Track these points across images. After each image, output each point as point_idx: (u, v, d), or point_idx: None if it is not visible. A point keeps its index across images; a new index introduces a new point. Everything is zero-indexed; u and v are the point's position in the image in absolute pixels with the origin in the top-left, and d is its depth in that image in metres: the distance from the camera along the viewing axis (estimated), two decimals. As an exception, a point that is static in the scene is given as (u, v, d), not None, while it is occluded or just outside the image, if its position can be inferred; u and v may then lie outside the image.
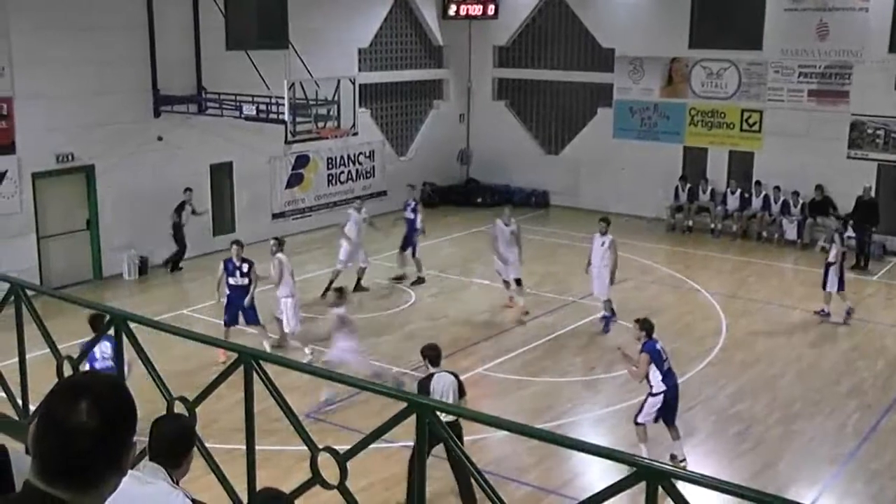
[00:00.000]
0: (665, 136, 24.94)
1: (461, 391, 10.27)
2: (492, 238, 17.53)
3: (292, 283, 15.08)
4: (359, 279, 18.44)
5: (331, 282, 17.61)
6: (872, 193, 21.08)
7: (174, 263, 20.08)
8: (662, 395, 11.22)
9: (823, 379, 14.42)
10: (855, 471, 11.60)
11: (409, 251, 19.19)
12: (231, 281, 14.67)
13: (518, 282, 17.17)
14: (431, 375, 10.19)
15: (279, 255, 15.01)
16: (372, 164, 25.68)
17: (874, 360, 15.26)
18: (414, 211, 19.29)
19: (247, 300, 14.53)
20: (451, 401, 9.77)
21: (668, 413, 11.36)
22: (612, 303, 16.32)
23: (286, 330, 15.15)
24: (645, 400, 11.38)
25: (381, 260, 19.44)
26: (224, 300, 14.86)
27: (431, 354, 10.49)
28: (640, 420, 11.37)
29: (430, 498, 4.43)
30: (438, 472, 9.00)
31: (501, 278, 17.49)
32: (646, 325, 11.33)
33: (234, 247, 14.76)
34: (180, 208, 19.90)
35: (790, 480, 11.36)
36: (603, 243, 16.25)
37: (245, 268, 14.65)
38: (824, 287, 16.98)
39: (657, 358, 11.21)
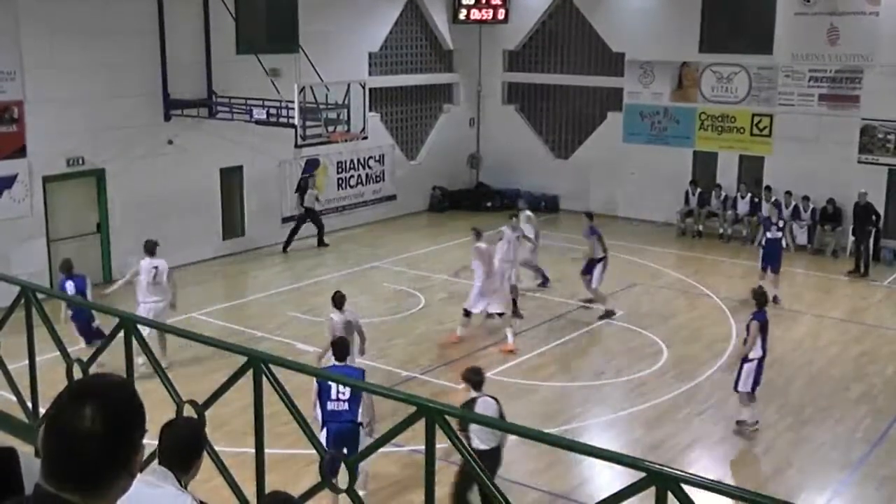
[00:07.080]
0: (675, 140, 24.90)
1: (502, 417, 9.63)
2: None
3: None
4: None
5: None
6: (867, 198, 20.79)
7: (320, 240, 22.45)
8: (757, 360, 12.19)
9: (833, 385, 14.37)
10: (865, 476, 11.55)
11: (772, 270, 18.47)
12: None
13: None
14: (475, 400, 9.57)
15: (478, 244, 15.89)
16: (382, 168, 25.69)
17: (884, 366, 15.19)
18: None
19: None
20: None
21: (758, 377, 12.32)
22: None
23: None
24: (740, 368, 12.30)
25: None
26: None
27: (475, 379, 9.88)
28: (740, 389, 12.29)
29: None
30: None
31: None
32: (757, 296, 12.54)
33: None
34: (301, 193, 22.22)
35: (800, 486, 11.33)
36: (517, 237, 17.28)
37: None
38: (773, 270, 18.37)
39: (766, 327, 12.28)
